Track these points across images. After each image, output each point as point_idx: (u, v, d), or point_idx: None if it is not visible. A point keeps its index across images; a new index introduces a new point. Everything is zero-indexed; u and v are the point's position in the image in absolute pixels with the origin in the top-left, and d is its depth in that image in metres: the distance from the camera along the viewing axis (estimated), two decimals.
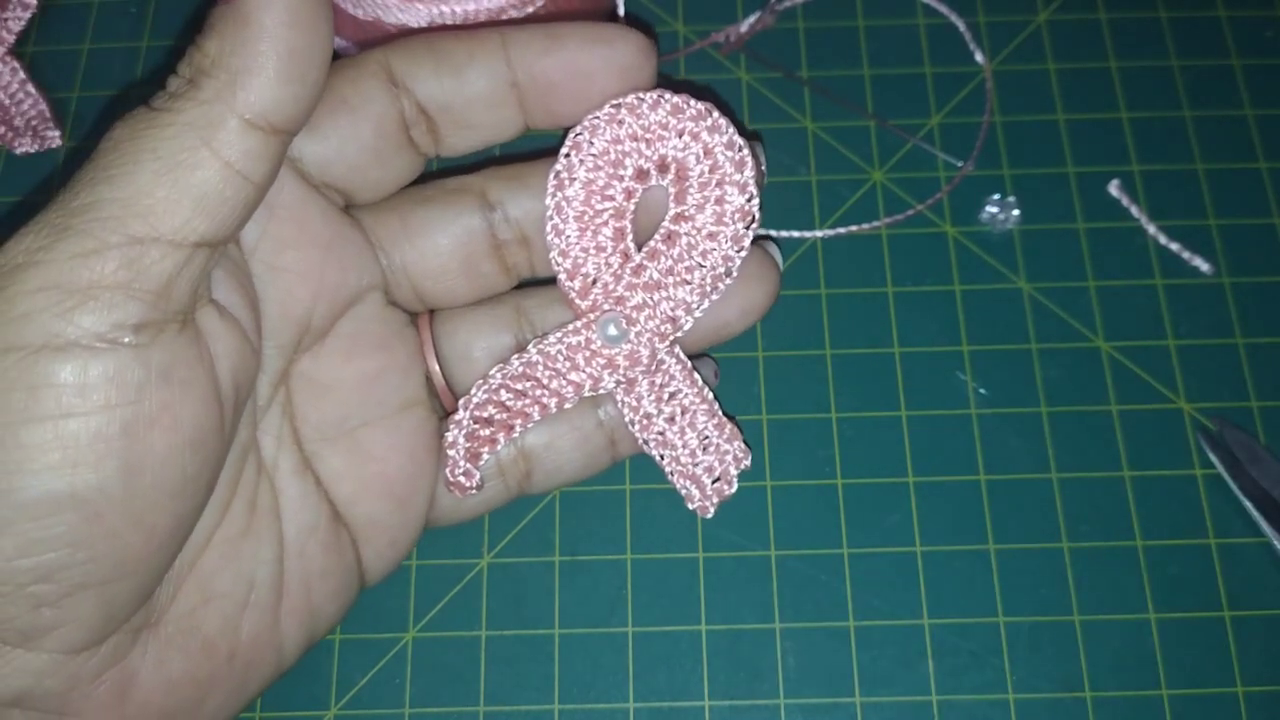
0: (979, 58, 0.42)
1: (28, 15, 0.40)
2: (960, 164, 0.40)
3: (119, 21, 0.43)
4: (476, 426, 0.30)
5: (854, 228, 0.39)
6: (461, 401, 0.30)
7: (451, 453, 0.30)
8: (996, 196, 0.39)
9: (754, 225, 0.29)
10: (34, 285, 0.22)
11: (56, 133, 0.41)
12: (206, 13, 0.24)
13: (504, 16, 0.36)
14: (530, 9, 0.36)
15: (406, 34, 0.36)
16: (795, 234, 0.39)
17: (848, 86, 0.41)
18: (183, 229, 0.23)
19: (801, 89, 0.42)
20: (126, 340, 0.23)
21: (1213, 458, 0.36)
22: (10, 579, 0.23)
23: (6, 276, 0.22)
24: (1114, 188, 0.40)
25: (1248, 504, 0.35)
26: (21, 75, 0.40)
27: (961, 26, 0.42)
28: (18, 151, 0.41)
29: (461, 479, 0.30)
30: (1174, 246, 0.39)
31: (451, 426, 0.30)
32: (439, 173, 0.32)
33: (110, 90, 0.42)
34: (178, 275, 0.23)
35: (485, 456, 0.31)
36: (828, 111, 0.41)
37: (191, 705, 0.27)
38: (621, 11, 0.38)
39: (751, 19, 0.42)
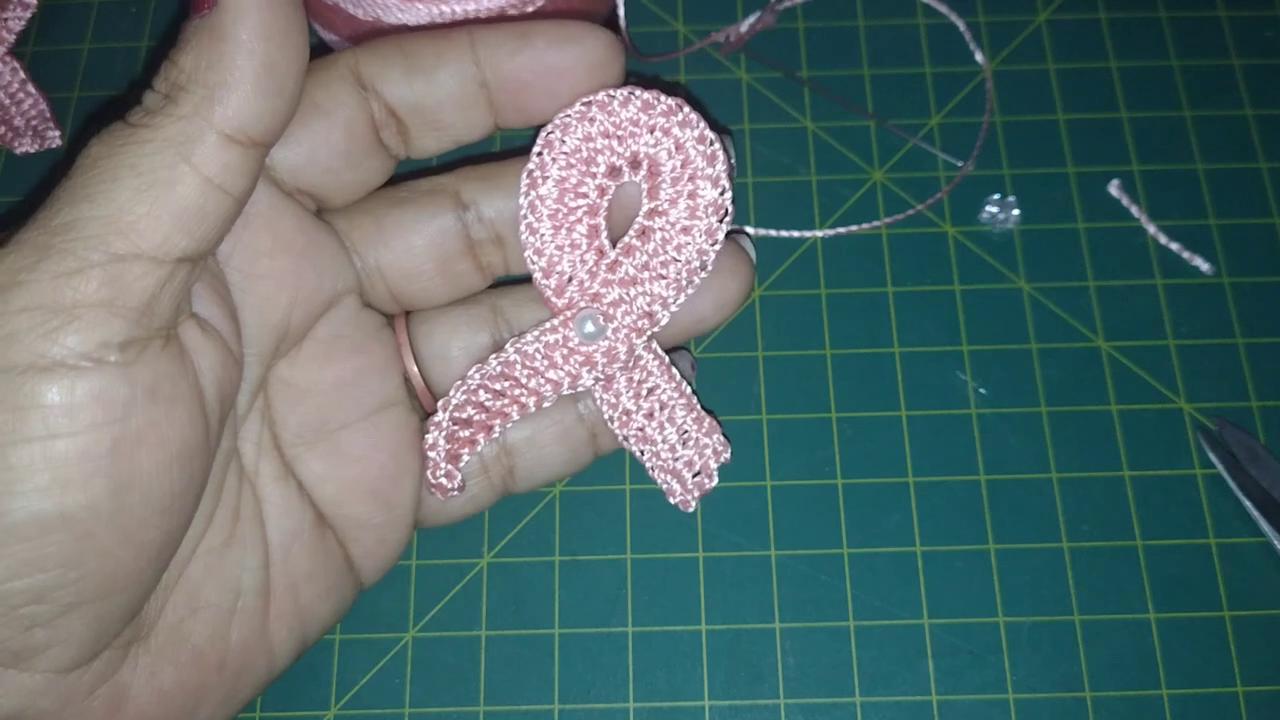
0: (979, 58, 0.42)
1: (28, 15, 0.41)
2: (960, 164, 0.40)
3: (119, 21, 0.43)
4: (456, 428, 0.30)
5: (854, 228, 0.39)
6: (440, 403, 0.30)
7: (432, 454, 0.30)
8: (996, 196, 0.39)
9: (727, 219, 0.29)
10: (17, 306, 0.22)
11: (56, 133, 0.41)
12: (179, 28, 0.24)
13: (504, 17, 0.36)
14: (531, 9, 0.36)
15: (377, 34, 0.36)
16: (795, 234, 0.39)
17: (848, 86, 0.41)
18: (164, 245, 0.23)
19: (801, 89, 0.42)
20: (112, 359, 0.23)
21: (1213, 458, 0.36)
22: (2, 601, 0.22)
23: None
24: (1114, 188, 0.40)
25: (1248, 504, 0.35)
26: (21, 75, 0.40)
27: (961, 26, 0.42)
28: (18, 151, 0.41)
29: (443, 480, 0.30)
30: (1174, 246, 0.39)
31: (431, 429, 0.30)
32: (411, 174, 0.32)
33: (110, 90, 0.42)
34: (160, 292, 0.23)
35: (466, 457, 0.30)
36: (828, 111, 0.41)
37: (184, 715, 0.27)
38: (622, 10, 0.38)
39: (751, 19, 0.42)
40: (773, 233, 0.39)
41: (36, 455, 0.22)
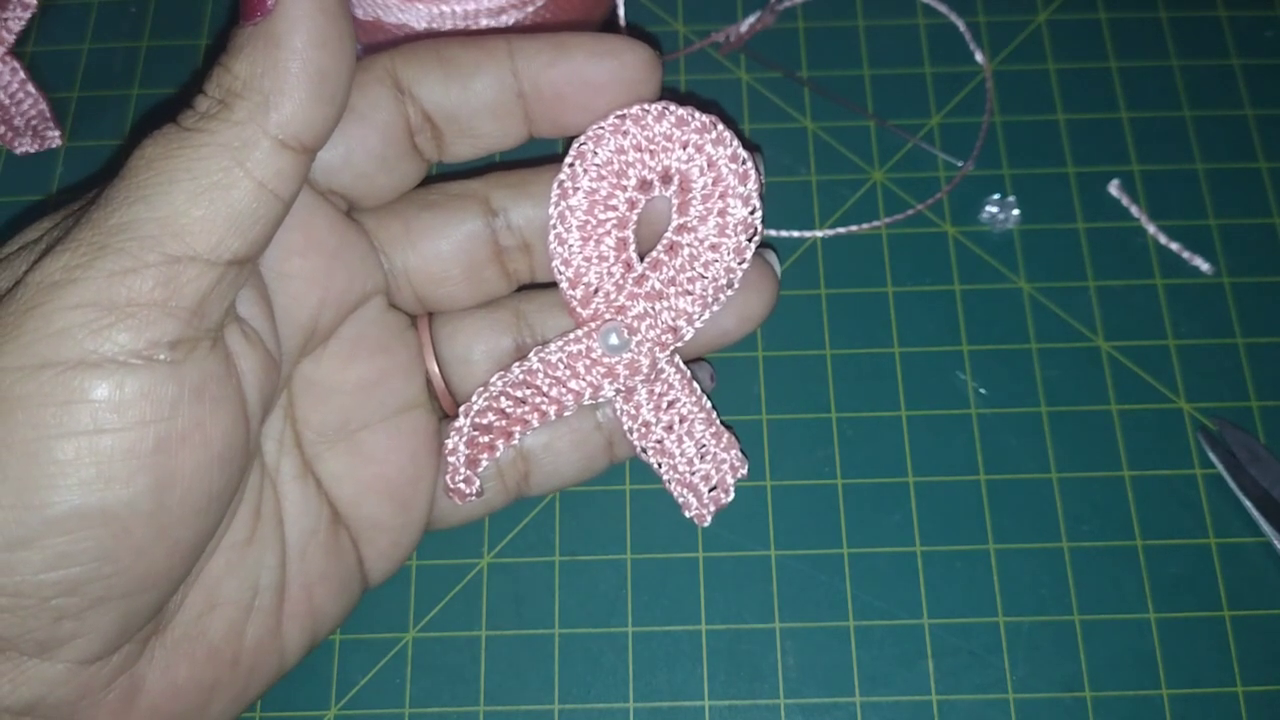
0: (979, 58, 0.42)
1: (28, 15, 0.40)
2: (960, 164, 0.40)
3: (119, 21, 0.43)
4: (476, 433, 0.30)
5: (854, 228, 0.39)
6: (462, 409, 0.30)
7: (452, 459, 0.30)
8: (996, 196, 0.39)
9: (756, 238, 0.29)
10: (71, 302, 0.22)
11: (56, 133, 0.41)
12: (229, 33, 0.25)
13: (503, 15, 0.36)
14: (530, 8, 0.36)
15: (412, 37, 0.36)
16: (795, 234, 0.39)
17: (848, 86, 0.41)
18: (218, 248, 0.23)
19: (801, 89, 0.42)
20: (162, 357, 0.23)
21: (1213, 458, 0.36)
22: (35, 592, 0.23)
23: (44, 293, 0.23)
24: (1114, 188, 0.40)
25: (1248, 504, 0.35)
26: (21, 75, 0.40)
27: (961, 26, 0.42)
28: (18, 151, 0.41)
29: (461, 485, 0.30)
30: (1174, 246, 0.39)
31: (452, 434, 0.30)
32: (441, 176, 0.32)
33: (110, 90, 0.42)
34: (211, 293, 0.24)
35: (485, 463, 0.31)
36: (828, 111, 0.41)
37: (196, 710, 0.27)
38: (622, 10, 0.38)
39: (751, 19, 0.42)
40: (773, 233, 0.39)
41: (83, 449, 0.22)
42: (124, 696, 0.26)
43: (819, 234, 0.39)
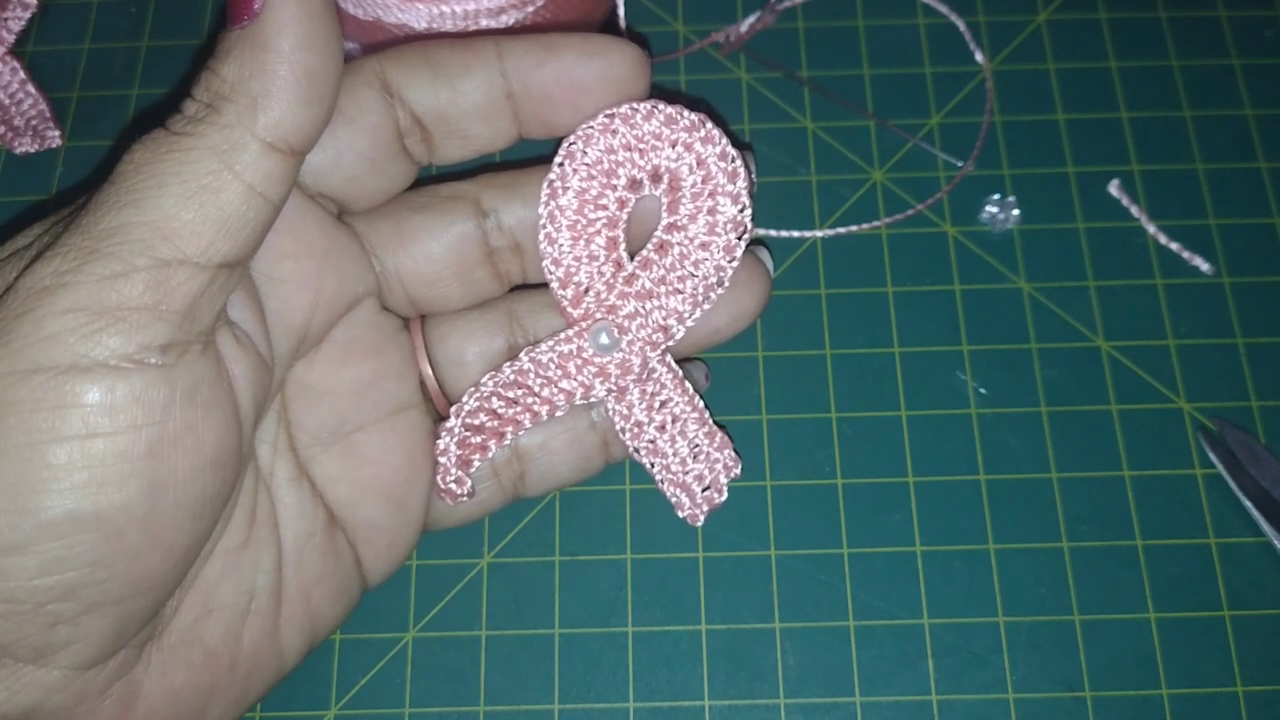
0: (979, 58, 0.42)
1: (28, 15, 0.40)
2: (960, 164, 0.40)
3: (119, 21, 0.43)
4: (468, 434, 0.30)
5: (854, 228, 0.39)
6: (454, 409, 0.30)
7: (443, 460, 0.30)
8: (996, 196, 0.39)
9: (746, 236, 0.29)
10: (62, 307, 0.22)
11: (56, 133, 0.41)
12: (217, 37, 0.25)
13: (503, 16, 0.36)
14: (530, 8, 0.36)
15: (407, 38, 0.36)
16: (795, 234, 0.39)
17: (848, 86, 0.41)
18: (207, 251, 0.23)
19: (801, 89, 0.42)
20: (153, 361, 0.23)
21: (1213, 458, 0.36)
22: (30, 597, 0.23)
23: (34, 299, 0.23)
24: (1114, 188, 0.40)
25: (1248, 504, 0.35)
26: (21, 75, 0.40)
27: (961, 26, 0.42)
28: (18, 151, 0.41)
29: (453, 486, 0.30)
30: (1174, 246, 0.39)
31: (443, 434, 0.30)
32: (432, 179, 0.32)
33: (110, 90, 0.42)
34: (202, 296, 0.24)
35: (477, 463, 0.31)
36: (828, 111, 0.41)
37: (194, 714, 0.27)
38: (622, 10, 0.38)
39: (751, 19, 0.42)
40: (773, 233, 0.39)
41: (75, 453, 0.22)
42: (121, 702, 0.25)
43: (819, 234, 0.39)
